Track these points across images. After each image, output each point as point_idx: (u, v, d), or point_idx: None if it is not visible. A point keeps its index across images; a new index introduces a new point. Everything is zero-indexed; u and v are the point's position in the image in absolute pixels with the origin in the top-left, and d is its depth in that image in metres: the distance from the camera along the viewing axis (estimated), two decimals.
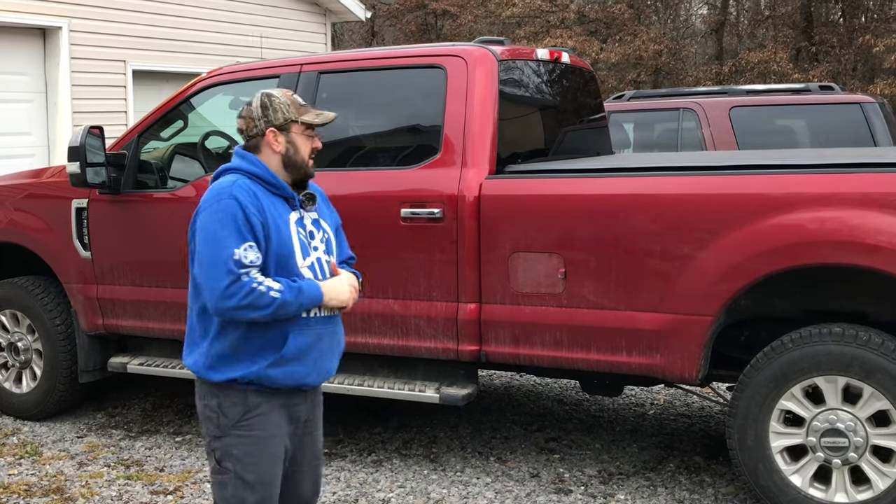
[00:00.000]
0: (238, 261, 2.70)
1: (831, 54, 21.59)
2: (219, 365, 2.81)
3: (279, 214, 2.83)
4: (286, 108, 2.89)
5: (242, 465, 2.82)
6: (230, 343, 2.79)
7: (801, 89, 7.85)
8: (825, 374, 3.93)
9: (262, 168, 2.85)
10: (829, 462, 3.96)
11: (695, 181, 4.17)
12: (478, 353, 4.52)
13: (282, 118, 2.88)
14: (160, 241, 5.21)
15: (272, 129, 2.88)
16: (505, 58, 4.77)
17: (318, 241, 2.93)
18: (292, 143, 2.90)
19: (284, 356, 2.79)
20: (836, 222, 3.82)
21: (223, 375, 2.80)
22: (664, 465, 4.92)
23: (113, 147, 5.33)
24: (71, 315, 5.60)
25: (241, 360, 2.79)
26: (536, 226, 4.32)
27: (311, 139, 2.93)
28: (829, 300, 4.21)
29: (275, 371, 2.80)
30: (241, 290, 2.69)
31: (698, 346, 4.07)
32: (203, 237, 2.75)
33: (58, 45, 10.15)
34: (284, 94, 2.93)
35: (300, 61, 5.08)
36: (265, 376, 2.79)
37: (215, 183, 2.86)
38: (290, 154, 2.90)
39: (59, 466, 5.04)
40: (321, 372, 2.92)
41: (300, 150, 2.90)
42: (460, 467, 4.91)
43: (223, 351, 2.80)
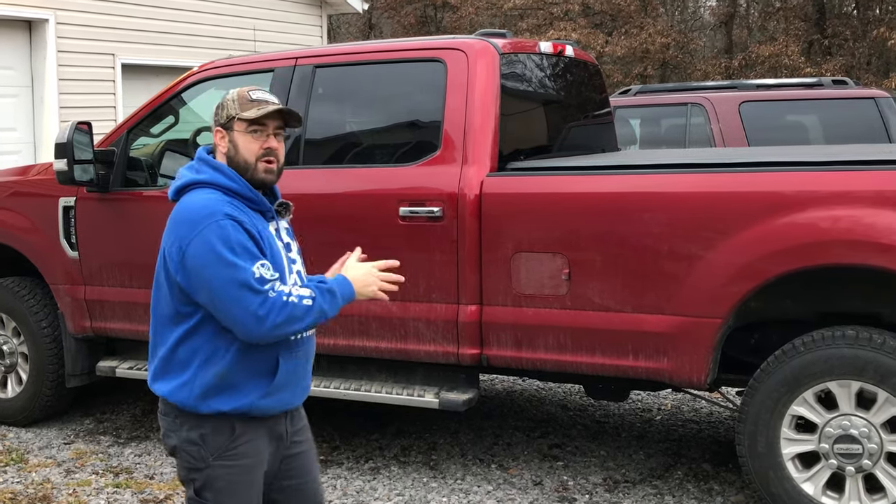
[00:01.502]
0: (259, 279, 2.55)
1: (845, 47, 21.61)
2: (206, 396, 2.65)
3: (263, 229, 2.69)
4: (231, 104, 2.71)
5: (223, 495, 2.70)
6: (219, 372, 2.65)
7: (814, 84, 7.85)
8: (838, 378, 3.92)
9: (239, 183, 2.67)
10: (842, 469, 3.96)
11: (703, 179, 4.17)
12: (479, 357, 4.52)
13: (225, 116, 2.72)
14: (150, 240, 5.14)
15: (218, 129, 2.73)
16: (507, 51, 4.77)
17: (295, 252, 2.83)
18: (233, 143, 2.70)
19: (277, 385, 2.69)
20: (850, 221, 3.82)
21: (211, 407, 2.66)
22: (671, 472, 4.92)
23: (101, 143, 5.33)
24: (58, 317, 5.60)
25: (231, 390, 2.65)
26: (539, 225, 4.32)
27: (259, 137, 2.70)
28: (842, 302, 4.21)
29: (266, 402, 2.69)
30: (275, 307, 2.55)
31: (707, 349, 4.07)
32: (208, 263, 2.56)
33: (44, 38, 10.16)
34: (240, 90, 2.75)
35: (295, 55, 5.08)
36: (256, 408, 2.68)
37: (193, 201, 2.65)
38: (231, 155, 2.70)
39: (46, 474, 5.04)
40: (304, 390, 2.85)
41: (240, 151, 2.69)
42: (461, 475, 4.91)
43: (212, 381, 2.65)
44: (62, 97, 10.27)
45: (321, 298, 2.62)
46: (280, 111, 2.72)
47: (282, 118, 2.75)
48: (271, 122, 2.72)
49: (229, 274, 2.54)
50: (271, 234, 2.72)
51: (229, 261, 2.54)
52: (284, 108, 2.74)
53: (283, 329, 2.57)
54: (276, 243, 2.73)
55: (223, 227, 2.57)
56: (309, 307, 2.59)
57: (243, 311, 2.54)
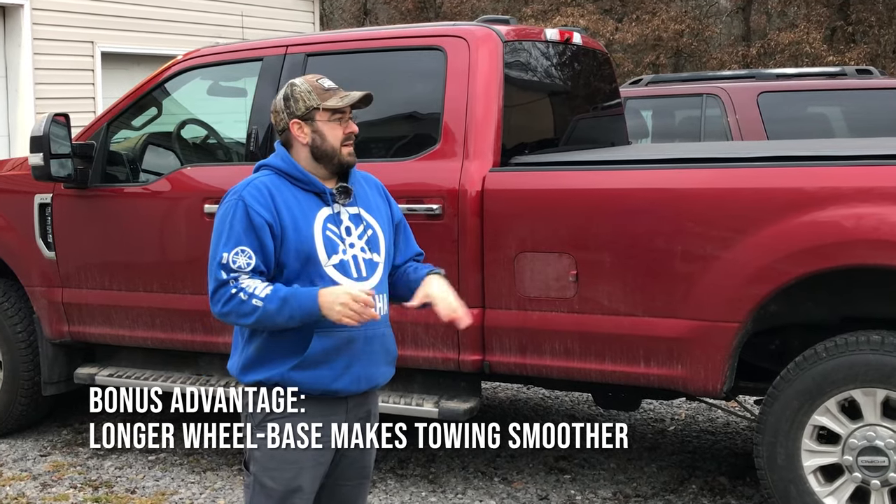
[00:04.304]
0: (225, 265, 2.84)
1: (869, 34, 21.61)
2: (249, 367, 2.96)
3: (302, 211, 2.91)
4: (307, 95, 2.96)
5: (262, 469, 2.94)
6: (258, 346, 2.94)
7: (837, 73, 7.86)
8: (863, 386, 3.92)
9: (288, 163, 2.96)
10: (867, 483, 3.96)
11: (719, 174, 4.17)
12: (481, 364, 4.53)
13: (303, 107, 2.96)
14: (132, 240, 5.21)
15: (296, 121, 2.97)
16: (510, 38, 4.77)
17: (356, 237, 2.98)
18: (318, 133, 2.97)
19: (307, 359, 2.89)
20: (875, 219, 3.82)
21: (251, 377, 2.96)
22: (686, 486, 4.92)
23: (80, 137, 5.33)
24: (33, 321, 5.59)
25: (267, 362, 2.93)
26: (545, 223, 4.32)
27: (342, 124, 2.98)
28: (866, 305, 4.21)
29: (299, 375, 2.90)
30: (224, 296, 2.84)
31: (723, 355, 4.08)
32: (214, 232, 2.93)
33: (19, 25, 10.17)
34: (308, 80, 3.01)
35: (285, 42, 5.08)
36: (289, 379, 2.90)
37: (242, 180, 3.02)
38: (318, 144, 2.97)
39: (21, 488, 5.04)
40: (356, 378, 2.95)
41: (327, 139, 2.96)
42: (461, 489, 4.92)
43: (253, 353, 2.95)
44: (38, 87, 10.27)
45: (271, 304, 2.81)
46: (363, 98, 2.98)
47: (364, 104, 3.01)
48: (348, 109, 2.99)
49: (213, 248, 2.89)
50: (312, 218, 2.91)
51: (214, 240, 2.89)
52: (369, 95, 2.99)
53: (229, 318, 2.87)
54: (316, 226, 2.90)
55: (227, 208, 2.89)
56: (256, 307, 2.81)
57: (209, 285, 2.90)
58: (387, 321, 3.05)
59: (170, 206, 5.13)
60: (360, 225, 3.00)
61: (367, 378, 2.99)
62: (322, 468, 2.98)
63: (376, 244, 3.02)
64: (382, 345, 3.03)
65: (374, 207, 3.08)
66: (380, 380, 3.05)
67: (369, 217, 3.04)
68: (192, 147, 5.58)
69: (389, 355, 3.08)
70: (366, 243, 2.99)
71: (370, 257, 2.99)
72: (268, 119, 4.83)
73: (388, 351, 3.07)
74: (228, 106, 5.90)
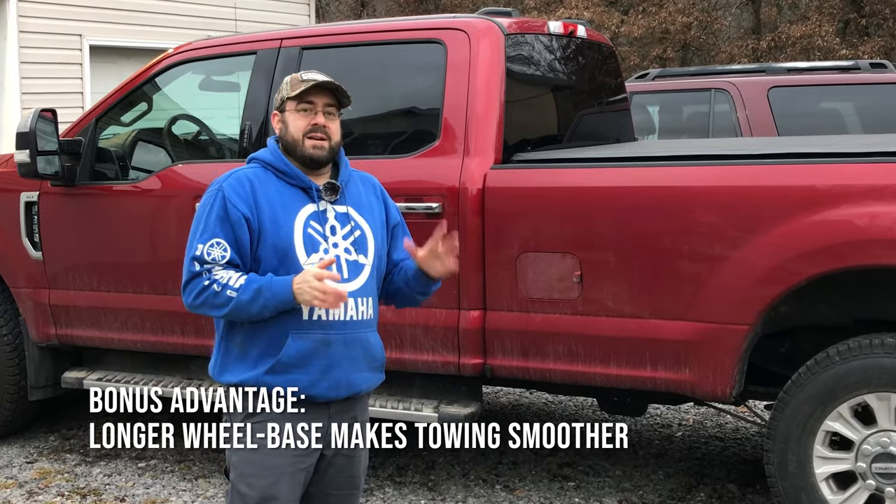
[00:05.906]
0: (199, 256, 2.88)
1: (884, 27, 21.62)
2: (225, 367, 2.98)
3: (284, 206, 2.92)
4: (284, 87, 3.00)
5: (238, 476, 2.95)
6: (234, 344, 2.96)
7: (850, 67, 7.86)
8: (877, 390, 3.92)
9: (275, 156, 2.99)
10: (881, 491, 3.96)
11: (728, 171, 4.17)
12: (482, 367, 4.53)
13: (279, 99, 3.02)
14: (121, 239, 5.21)
15: (275, 113, 3.04)
16: (512, 31, 4.77)
17: (341, 237, 2.96)
18: (284, 122, 3.01)
19: (281, 361, 2.88)
20: (890, 218, 3.83)
21: (226, 379, 2.97)
22: (694, 494, 4.92)
23: (67, 133, 5.33)
24: (19, 324, 5.59)
25: (242, 363, 2.94)
26: (548, 222, 4.32)
27: (307, 115, 2.97)
28: (881, 307, 4.21)
29: (273, 379, 2.89)
30: (197, 287, 2.87)
31: (732, 359, 4.07)
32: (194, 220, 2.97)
33: (5, 17, 10.17)
34: (295, 73, 3.06)
35: (280, 35, 5.08)
36: (263, 383, 2.90)
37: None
38: (282, 134, 3.00)
39: (6, 496, 5.04)
40: (335, 384, 2.93)
41: (290, 128, 2.98)
42: (462, 496, 4.92)
43: (228, 352, 2.98)
44: (24, 82, 10.28)
45: (244, 295, 2.83)
46: (321, 86, 2.95)
47: (330, 95, 2.98)
48: (320, 101, 2.97)
49: (190, 239, 2.94)
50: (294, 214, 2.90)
51: (196, 228, 2.93)
52: (325, 83, 2.95)
53: (201, 310, 2.91)
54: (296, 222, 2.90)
55: (206, 200, 2.94)
56: (230, 298, 2.84)
57: (183, 277, 2.92)
58: (372, 325, 3.02)
59: (160, 204, 5.13)
60: (348, 224, 2.98)
61: (348, 384, 2.96)
62: (302, 475, 2.95)
63: (364, 246, 2.99)
64: (365, 350, 2.99)
65: (366, 208, 3.06)
66: (363, 386, 3.01)
67: (358, 217, 3.01)
68: (183, 143, 5.57)
69: (374, 361, 3.04)
70: (352, 244, 2.97)
71: (355, 259, 2.96)
72: (261, 114, 4.84)
73: (372, 357, 3.02)
74: (221, 101, 5.90)
